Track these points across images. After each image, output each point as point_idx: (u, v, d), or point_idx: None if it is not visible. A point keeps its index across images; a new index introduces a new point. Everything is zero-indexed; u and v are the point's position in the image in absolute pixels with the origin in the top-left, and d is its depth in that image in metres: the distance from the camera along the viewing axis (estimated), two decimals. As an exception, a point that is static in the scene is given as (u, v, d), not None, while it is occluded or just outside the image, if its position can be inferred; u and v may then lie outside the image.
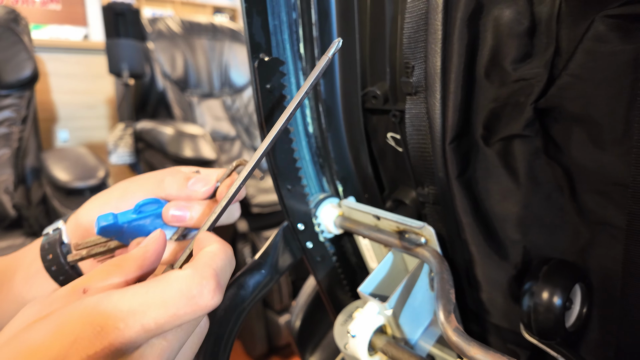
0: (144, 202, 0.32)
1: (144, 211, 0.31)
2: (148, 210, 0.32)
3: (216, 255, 0.24)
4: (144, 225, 0.32)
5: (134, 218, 0.31)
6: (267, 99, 0.37)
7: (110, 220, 0.30)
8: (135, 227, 0.31)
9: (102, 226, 0.29)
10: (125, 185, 0.34)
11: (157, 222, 0.32)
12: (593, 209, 0.35)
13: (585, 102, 0.29)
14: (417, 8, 0.34)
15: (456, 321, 0.30)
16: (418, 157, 0.38)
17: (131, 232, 0.31)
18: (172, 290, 0.21)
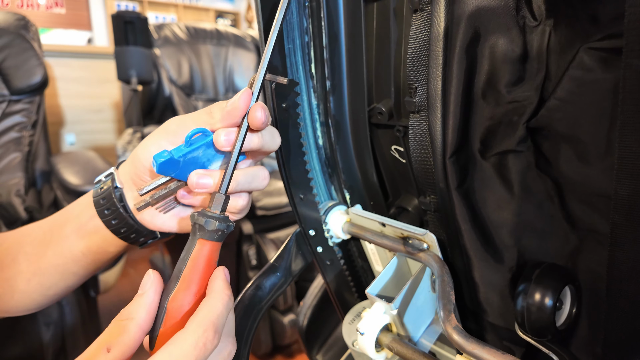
0: (193, 132, 0.33)
1: (195, 142, 0.33)
2: (198, 141, 0.33)
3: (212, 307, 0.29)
4: (198, 157, 0.33)
5: (187, 151, 0.32)
6: (282, 117, 0.40)
7: (166, 157, 0.32)
8: (190, 160, 0.33)
9: (160, 163, 0.32)
10: (179, 120, 0.35)
11: (208, 152, 0.34)
12: (580, 217, 0.38)
13: (571, 123, 0.33)
14: (420, 35, 0.37)
15: (456, 320, 0.33)
16: (421, 170, 0.41)
17: (187, 165, 0.33)
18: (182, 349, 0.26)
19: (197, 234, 0.31)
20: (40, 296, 0.44)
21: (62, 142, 2.37)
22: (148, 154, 0.35)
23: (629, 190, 0.31)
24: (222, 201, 0.32)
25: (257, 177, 0.36)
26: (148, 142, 0.36)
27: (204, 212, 0.31)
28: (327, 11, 0.42)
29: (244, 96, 0.32)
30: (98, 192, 0.38)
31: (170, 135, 0.35)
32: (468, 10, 0.34)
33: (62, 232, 0.41)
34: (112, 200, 0.37)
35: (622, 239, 0.34)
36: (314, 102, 0.45)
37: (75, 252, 0.41)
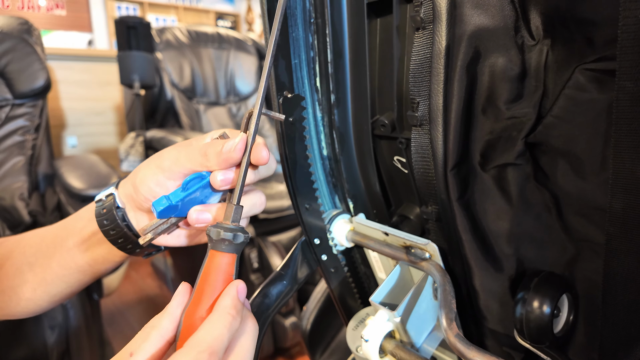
0: (189, 179, 0.35)
1: (191, 187, 0.35)
2: (195, 185, 0.35)
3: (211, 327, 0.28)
4: (195, 198, 0.35)
5: (185, 195, 0.35)
6: (289, 130, 0.41)
7: (165, 204, 0.34)
8: (188, 201, 0.35)
9: (160, 211, 0.34)
10: (175, 156, 0.36)
11: (206, 192, 0.36)
12: (577, 228, 0.39)
13: (567, 140, 0.34)
14: (422, 52, 0.39)
15: (457, 328, 0.35)
16: (422, 181, 0.43)
17: (185, 206, 0.35)
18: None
19: (209, 246, 0.32)
20: (46, 302, 0.45)
21: (64, 145, 2.38)
22: (146, 187, 0.37)
23: (622, 204, 0.33)
24: (234, 211, 0.33)
25: (255, 205, 0.38)
26: (145, 176, 0.37)
27: (218, 224, 0.33)
28: (332, 28, 0.43)
29: (240, 145, 0.33)
30: (101, 212, 0.39)
31: (166, 171, 0.36)
32: (469, 30, 0.35)
33: (65, 245, 0.42)
34: (116, 222, 0.38)
35: (616, 250, 0.35)
36: (319, 114, 0.47)
37: (80, 264, 0.42)
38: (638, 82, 0.28)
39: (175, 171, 0.36)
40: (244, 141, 0.33)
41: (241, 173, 0.33)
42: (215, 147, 0.34)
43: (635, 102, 0.29)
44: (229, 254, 0.32)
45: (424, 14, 0.37)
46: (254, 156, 0.34)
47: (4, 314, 0.46)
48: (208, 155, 0.34)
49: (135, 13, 4.58)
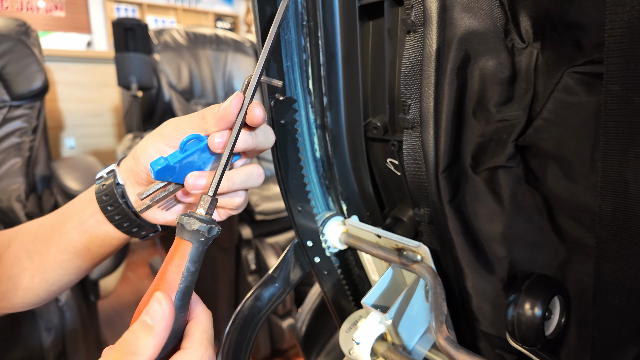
0: (187, 139, 0.34)
1: (189, 148, 0.34)
2: (192, 146, 0.34)
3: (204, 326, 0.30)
4: (193, 162, 0.35)
5: (182, 157, 0.34)
6: (281, 133, 0.42)
7: (162, 164, 0.33)
8: (186, 164, 0.34)
9: (157, 170, 0.33)
10: (175, 123, 0.36)
11: (204, 156, 0.35)
12: (568, 230, 0.39)
13: (557, 143, 0.34)
14: (413, 55, 0.39)
15: (447, 330, 0.35)
16: (414, 183, 0.43)
17: (183, 170, 0.34)
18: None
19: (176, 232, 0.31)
20: (44, 292, 0.45)
21: (62, 147, 2.38)
22: (147, 155, 0.36)
23: (611, 206, 0.33)
24: (209, 203, 0.32)
25: (252, 175, 0.37)
26: (146, 144, 0.37)
27: (189, 213, 0.31)
28: (324, 30, 0.43)
29: (235, 100, 0.33)
30: (101, 188, 0.39)
31: (166, 138, 0.36)
32: (459, 33, 0.35)
33: (64, 229, 0.42)
34: (115, 197, 0.38)
35: (607, 252, 0.35)
36: (312, 117, 0.47)
37: (78, 247, 0.42)
38: (625, 85, 0.28)
39: (175, 137, 0.36)
40: (239, 99, 0.33)
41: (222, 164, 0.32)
42: (212, 108, 0.34)
43: (623, 105, 0.29)
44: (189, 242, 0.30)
45: (415, 17, 0.37)
46: (249, 115, 0.33)
47: (3, 306, 0.46)
48: (206, 117, 0.34)
49: (134, 14, 4.58)
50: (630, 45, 0.27)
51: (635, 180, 0.31)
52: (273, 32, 0.34)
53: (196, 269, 0.31)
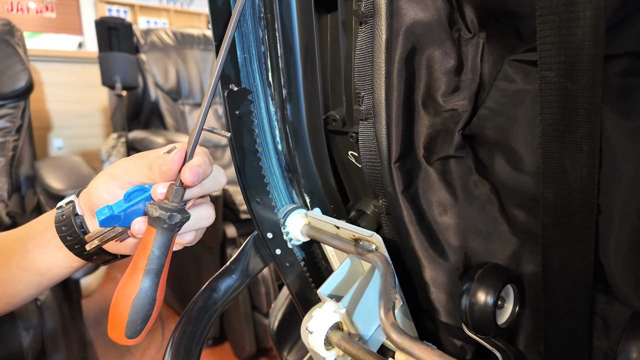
0: (132, 190, 0.36)
1: (133, 198, 0.36)
2: (137, 196, 0.36)
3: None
4: (139, 209, 0.36)
5: (127, 206, 0.35)
6: (236, 124, 0.42)
7: (106, 214, 0.35)
8: (130, 212, 0.35)
9: (102, 219, 0.34)
10: (125, 166, 0.38)
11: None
12: (518, 219, 0.40)
13: (500, 131, 0.35)
14: (365, 47, 0.39)
15: (393, 317, 0.35)
16: (370, 174, 0.43)
17: (128, 217, 0.35)
18: None
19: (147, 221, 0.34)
20: (4, 304, 0.46)
21: (50, 147, 2.37)
22: (98, 195, 0.38)
23: (553, 193, 0.33)
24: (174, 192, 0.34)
25: (201, 218, 0.38)
26: (98, 184, 0.38)
27: (157, 202, 0.33)
28: (281, 23, 0.44)
29: (176, 157, 0.34)
30: (60, 218, 0.40)
31: (116, 179, 0.37)
32: (405, 23, 0.36)
33: (26, 247, 0.43)
34: (73, 228, 0.39)
35: (552, 240, 0.36)
36: (272, 109, 0.47)
37: (39, 266, 0.43)
38: (558, 71, 0.29)
39: (124, 180, 0.37)
40: (181, 154, 0.34)
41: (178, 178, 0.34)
42: (158, 159, 0.36)
43: (557, 91, 0.29)
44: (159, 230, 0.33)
45: (365, 8, 0.38)
46: (183, 175, 0.34)
47: None
48: (152, 168, 0.36)
49: (126, 16, 4.57)
50: (560, 32, 0.28)
51: (573, 167, 0.31)
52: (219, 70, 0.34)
53: (162, 254, 0.34)
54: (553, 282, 0.38)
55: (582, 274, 0.36)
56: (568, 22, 0.27)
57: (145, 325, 0.33)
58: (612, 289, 0.35)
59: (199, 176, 0.34)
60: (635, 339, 0.32)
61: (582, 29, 0.27)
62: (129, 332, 0.33)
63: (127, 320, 0.33)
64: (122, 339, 0.33)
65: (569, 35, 0.27)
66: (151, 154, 0.38)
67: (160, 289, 0.34)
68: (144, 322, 0.33)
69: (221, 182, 0.39)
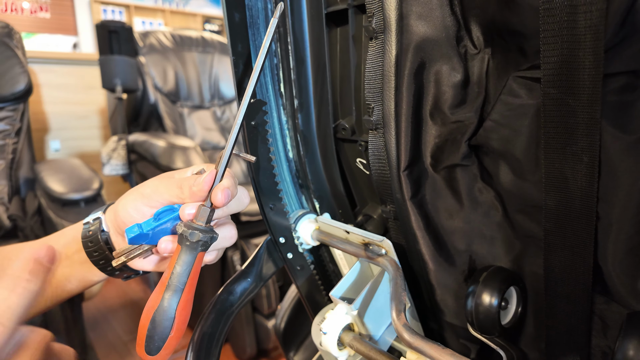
0: (161, 210, 0.37)
1: (162, 218, 0.37)
2: (166, 216, 0.37)
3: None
4: (167, 228, 0.37)
5: (155, 225, 0.36)
6: (252, 134, 0.44)
7: (136, 232, 0.36)
8: (159, 231, 0.37)
9: (131, 237, 0.36)
10: (155, 185, 0.39)
11: (176, 224, 0.37)
12: (521, 224, 0.42)
13: (505, 142, 0.37)
14: (375, 61, 0.41)
15: (405, 318, 0.37)
16: (379, 181, 0.45)
17: (156, 234, 0.37)
18: None
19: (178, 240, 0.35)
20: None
21: (47, 149, 2.36)
22: (125, 213, 0.39)
23: (555, 201, 0.35)
24: (201, 212, 0.35)
25: (224, 238, 0.39)
26: (126, 202, 0.39)
27: (187, 223, 0.35)
28: (293, 36, 0.45)
29: (207, 179, 0.35)
30: (87, 234, 0.41)
31: (145, 198, 0.38)
32: (414, 40, 0.38)
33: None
34: (100, 244, 0.41)
35: (553, 244, 0.38)
36: (284, 118, 0.49)
37: (59, 279, 0.43)
38: (560, 88, 0.31)
39: (154, 199, 0.38)
40: (212, 176, 0.36)
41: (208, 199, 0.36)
42: (189, 181, 0.37)
43: (559, 107, 0.32)
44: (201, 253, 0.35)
45: (376, 25, 0.40)
46: (213, 199, 0.35)
47: None
48: (182, 188, 0.37)
49: (121, 16, 4.56)
50: (562, 52, 0.30)
51: (574, 176, 0.33)
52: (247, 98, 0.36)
53: (183, 271, 0.34)
54: (554, 284, 0.40)
55: (581, 276, 0.38)
56: (570, 43, 0.29)
57: (162, 343, 0.33)
58: (610, 290, 0.37)
59: (229, 198, 0.36)
60: (631, 337, 0.34)
61: (582, 50, 0.29)
62: (147, 348, 0.33)
63: (146, 335, 0.33)
64: (143, 354, 0.34)
65: (570, 55, 0.29)
66: (178, 174, 0.40)
67: (181, 308, 0.34)
68: (160, 339, 0.33)
69: (245, 202, 0.40)
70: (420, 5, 0.37)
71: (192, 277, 0.35)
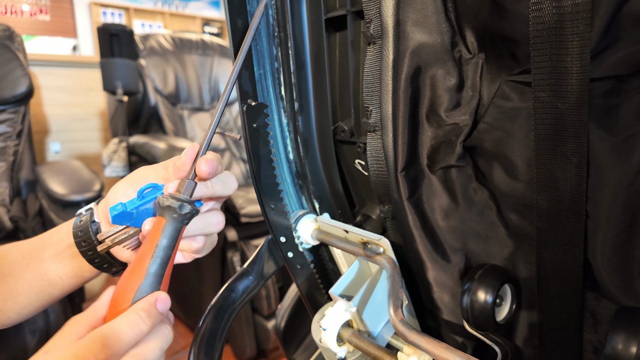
0: (144, 187, 0.36)
1: (146, 196, 0.36)
2: (150, 194, 0.36)
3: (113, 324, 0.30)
4: (150, 208, 0.36)
5: (139, 203, 0.36)
6: (254, 136, 0.45)
7: (119, 210, 0.35)
8: (143, 211, 0.36)
9: (114, 215, 0.35)
10: (144, 171, 0.39)
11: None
12: (514, 223, 0.43)
13: (497, 143, 0.38)
14: (373, 65, 0.42)
15: (402, 315, 0.38)
16: (377, 182, 0.46)
17: (140, 215, 0.36)
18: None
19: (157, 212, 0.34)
20: (15, 314, 0.46)
21: (47, 151, 2.37)
22: (115, 198, 0.39)
23: (546, 200, 0.37)
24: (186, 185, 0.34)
25: (210, 222, 0.39)
26: (117, 189, 0.40)
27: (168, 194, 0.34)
28: (293, 41, 0.47)
29: (189, 152, 0.36)
30: (77, 224, 0.41)
31: (134, 184, 0.39)
32: (411, 45, 0.39)
33: (41, 256, 0.44)
34: (89, 234, 0.40)
35: (545, 242, 0.39)
36: (285, 121, 0.50)
37: (52, 276, 0.44)
38: (550, 92, 0.32)
39: (142, 184, 0.38)
40: (194, 151, 0.36)
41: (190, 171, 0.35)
42: (173, 160, 0.37)
43: (549, 110, 0.33)
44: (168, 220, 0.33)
45: (374, 30, 0.41)
46: (197, 169, 0.35)
47: None
48: (167, 168, 0.38)
49: (120, 19, 4.57)
50: (551, 58, 0.31)
51: (564, 177, 0.35)
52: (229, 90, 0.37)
53: (169, 245, 0.33)
54: (546, 281, 0.42)
55: (572, 273, 0.39)
56: (558, 50, 0.30)
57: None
58: (600, 286, 0.39)
59: (213, 168, 0.36)
60: (620, 331, 0.35)
61: (570, 56, 0.30)
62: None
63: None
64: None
65: (559, 61, 0.31)
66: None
67: (164, 282, 0.34)
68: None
69: (232, 187, 0.40)
70: (416, 12, 0.38)
71: (174, 253, 0.34)
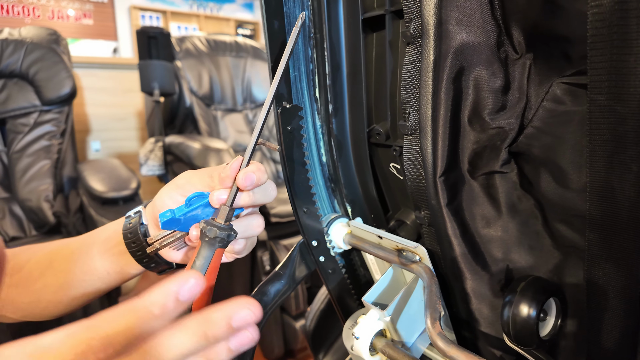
0: (192, 195, 0.39)
1: (193, 203, 0.39)
2: (196, 202, 0.39)
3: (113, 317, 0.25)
4: (197, 215, 0.39)
5: (187, 210, 0.38)
6: (287, 138, 0.44)
7: (168, 216, 0.38)
8: (190, 217, 0.39)
9: (164, 221, 0.38)
10: (189, 176, 0.42)
11: (207, 211, 0.39)
12: (562, 234, 0.41)
13: (547, 149, 0.36)
14: (412, 66, 0.41)
15: (440, 327, 0.36)
16: (414, 187, 0.45)
17: (188, 221, 0.38)
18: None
19: (205, 241, 0.36)
20: (65, 306, 0.49)
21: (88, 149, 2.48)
22: (162, 202, 0.42)
23: (600, 211, 0.34)
24: (221, 211, 0.37)
25: (250, 225, 0.41)
26: (163, 193, 0.42)
27: (208, 221, 0.37)
28: (329, 42, 0.46)
29: (234, 164, 0.38)
30: (127, 226, 0.44)
31: (180, 188, 0.41)
32: (454, 45, 0.37)
33: (90, 252, 0.47)
34: (138, 235, 0.43)
35: (597, 256, 0.36)
36: (318, 123, 0.49)
37: (100, 271, 0.46)
38: (608, 95, 0.30)
39: (187, 189, 0.41)
40: (238, 162, 0.38)
41: (232, 190, 0.38)
42: (218, 169, 0.39)
43: (607, 114, 0.30)
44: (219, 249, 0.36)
45: (414, 30, 0.40)
46: (238, 179, 0.37)
47: (24, 315, 0.50)
48: (212, 177, 0.40)
49: (158, 22, 4.73)
50: (612, 58, 0.29)
51: (621, 187, 0.32)
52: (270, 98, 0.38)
53: (201, 264, 0.36)
54: (597, 297, 0.39)
55: (626, 289, 0.36)
56: (620, 49, 0.28)
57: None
58: (659, 305, 0.35)
59: (252, 181, 0.37)
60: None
61: (634, 55, 0.28)
62: None
63: None
64: None
65: (620, 61, 0.28)
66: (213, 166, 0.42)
67: (197, 301, 0.36)
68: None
69: (271, 194, 0.42)
70: (459, 11, 0.36)
71: (211, 272, 0.36)
